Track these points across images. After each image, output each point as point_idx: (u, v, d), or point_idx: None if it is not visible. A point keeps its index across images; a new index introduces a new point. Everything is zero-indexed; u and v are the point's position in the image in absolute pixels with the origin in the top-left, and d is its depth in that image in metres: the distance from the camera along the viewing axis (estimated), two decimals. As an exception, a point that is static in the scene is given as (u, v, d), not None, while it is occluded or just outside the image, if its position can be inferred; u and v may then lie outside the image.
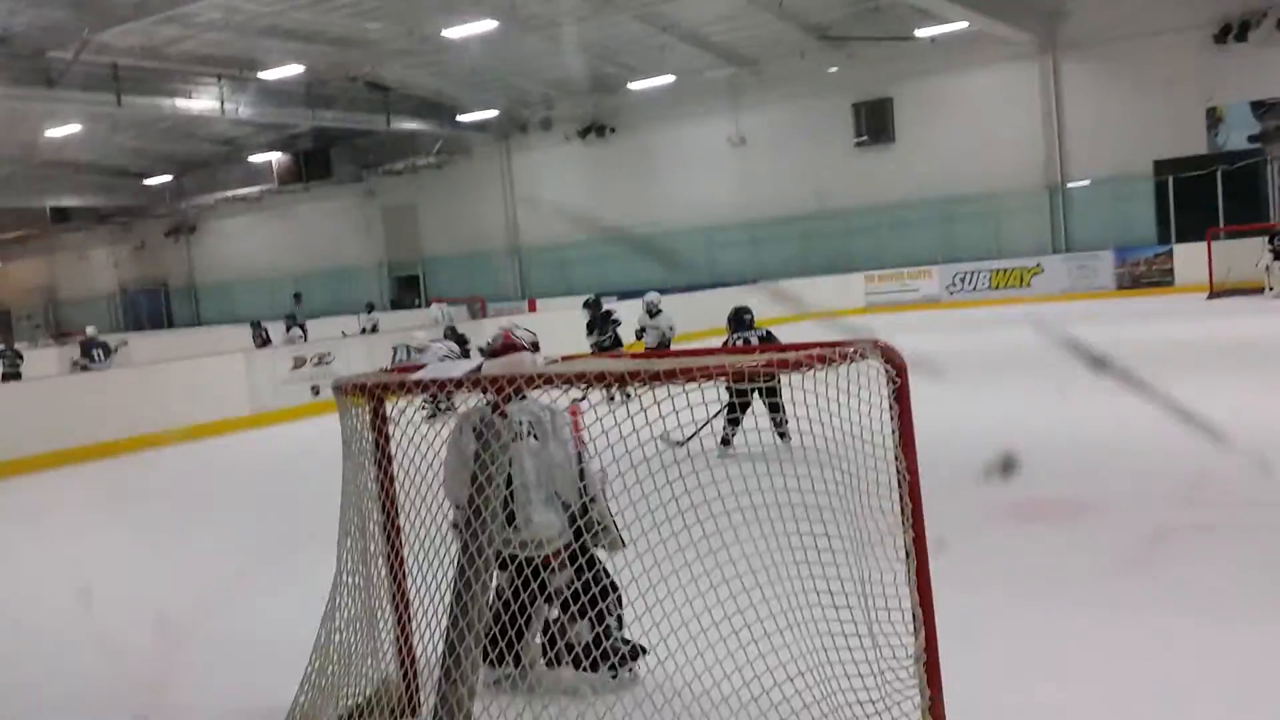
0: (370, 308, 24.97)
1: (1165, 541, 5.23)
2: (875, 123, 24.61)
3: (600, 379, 2.86)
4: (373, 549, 3.60)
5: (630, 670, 3.72)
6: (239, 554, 6.73)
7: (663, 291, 15.61)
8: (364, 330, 21.95)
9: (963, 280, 22.73)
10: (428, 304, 28.82)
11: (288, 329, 21.13)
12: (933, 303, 22.64)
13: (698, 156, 26.77)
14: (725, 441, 7.57)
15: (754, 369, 2.81)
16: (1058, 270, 21.71)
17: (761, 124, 25.93)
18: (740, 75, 25.32)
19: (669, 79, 24.67)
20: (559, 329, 16.20)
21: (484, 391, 3.04)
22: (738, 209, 26.15)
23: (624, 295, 24.66)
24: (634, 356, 2.94)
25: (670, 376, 2.84)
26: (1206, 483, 5.16)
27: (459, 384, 3.05)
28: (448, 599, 3.10)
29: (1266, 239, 17.49)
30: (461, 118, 27.87)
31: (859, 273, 23.66)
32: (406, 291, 32.56)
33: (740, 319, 8.33)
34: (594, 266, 27.88)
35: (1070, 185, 22.70)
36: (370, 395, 3.42)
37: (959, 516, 5.81)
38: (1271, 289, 17.17)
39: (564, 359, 3.19)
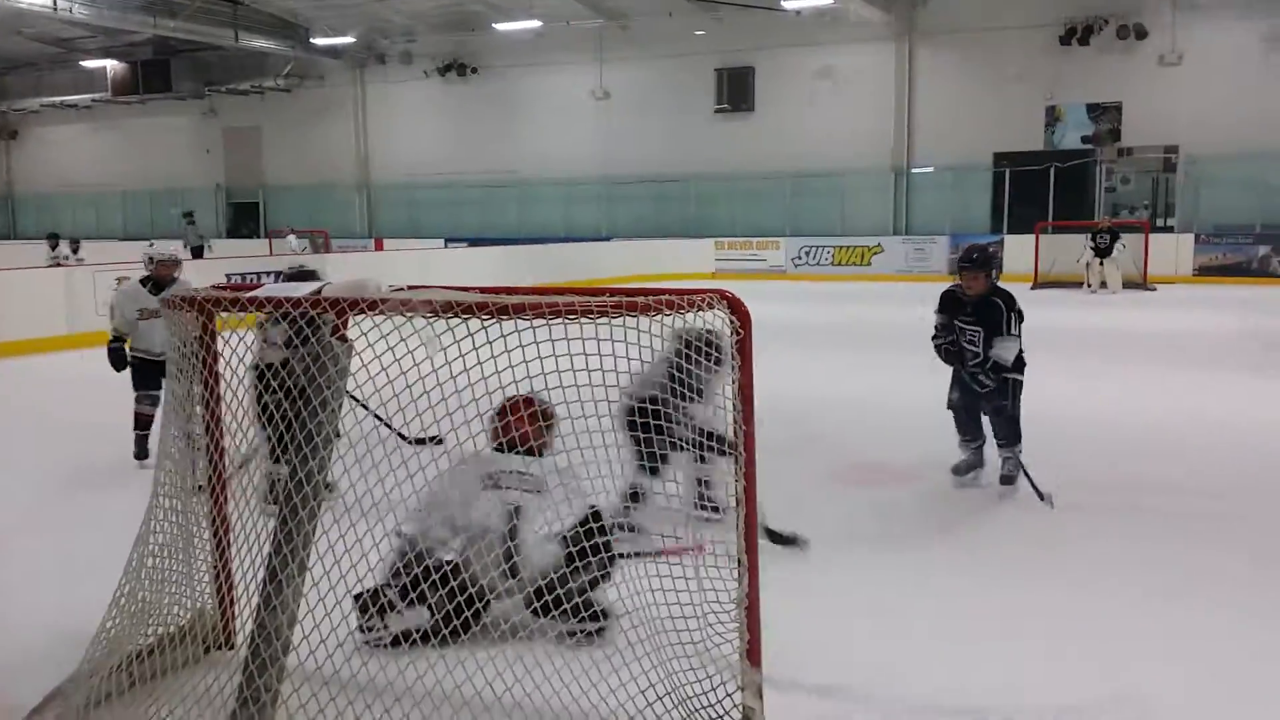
0: (189, 218, 23.37)
1: (981, 508, 5.54)
2: (736, 91, 24.88)
3: (447, 309, 2.79)
4: (194, 472, 3.45)
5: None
6: (55, 475, 6.44)
7: (515, 242, 15.45)
8: (188, 246, 20.78)
9: (807, 254, 23.33)
10: (267, 234, 27.70)
11: (52, 248, 19.82)
12: (779, 273, 23.16)
13: (560, 107, 26.49)
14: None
15: (603, 307, 2.80)
16: (896, 251, 22.53)
17: (626, 80, 25.84)
18: (608, 28, 25.13)
19: (535, 24, 24.29)
20: (404, 271, 15.89)
21: (324, 312, 2.94)
22: (596, 164, 26.04)
23: (475, 241, 24.42)
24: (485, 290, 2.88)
25: (519, 311, 2.80)
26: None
27: (298, 304, 2.93)
28: (271, 525, 2.99)
29: (1089, 236, 18.56)
30: (315, 40, 26.75)
31: (710, 238, 23.98)
32: (244, 219, 31.12)
33: None
34: (446, 209, 27.37)
35: (914, 170, 23.54)
36: (200, 310, 3.26)
37: (796, 473, 6.01)
38: (1090, 285, 18.25)
39: (410, 288, 3.11)
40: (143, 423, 6.51)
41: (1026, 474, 5.58)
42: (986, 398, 5.69)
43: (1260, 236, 19.75)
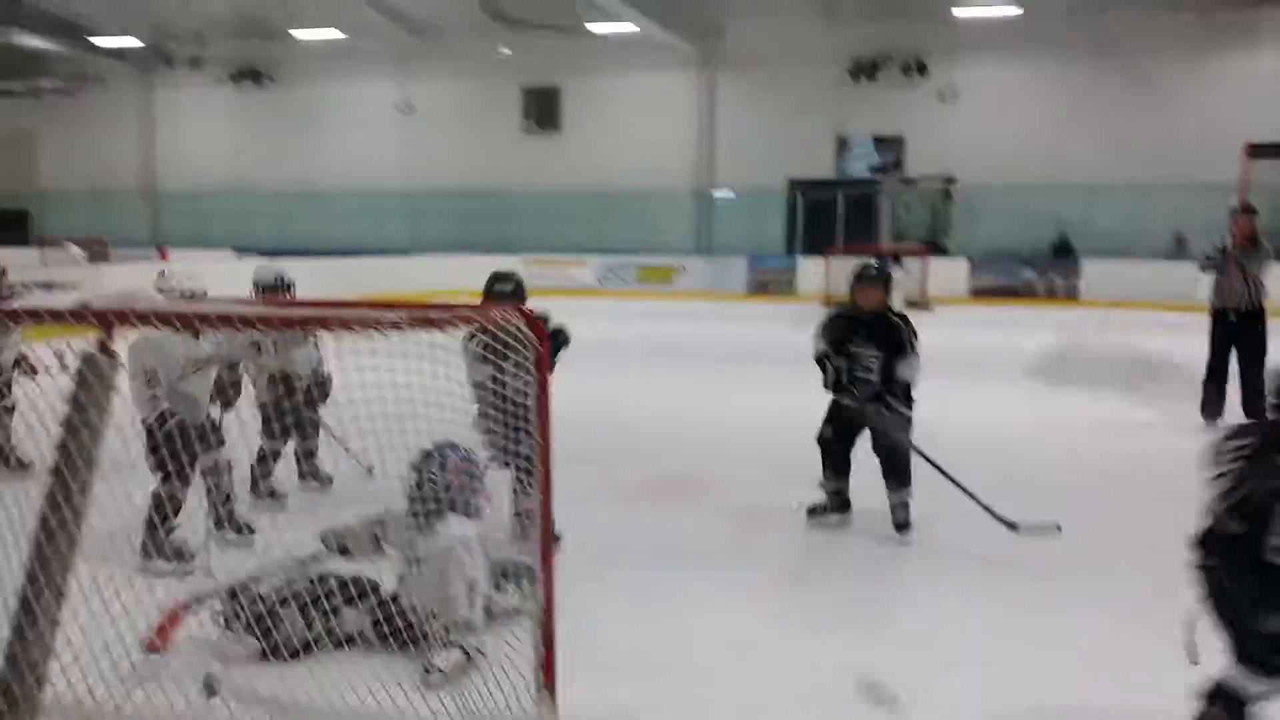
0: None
1: (767, 520, 5.72)
2: (543, 110, 25.01)
3: (225, 322, 2.68)
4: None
5: None
6: None
7: (313, 255, 14.98)
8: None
9: (614, 272, 23.61)
10: (39, 242, 25.73)
11: None
12: (587, 290, 23.31)
13: (362, 119, 25.90)
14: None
15: (395, 324, 2.76)
16: (699, 271, 23.11)
17: (431, 95, 25.53)
18: (412, 42, 24.77)
19: (335, 34, 23.68)
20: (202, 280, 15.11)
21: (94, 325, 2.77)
22: (401, 178, 25.59)
23: (269, 253, 23.43)
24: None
25: (306, 325, 2.72)
26: (800, 466, 5.69)
27: (58, 316, 2.75)
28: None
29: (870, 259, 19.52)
30: (98, 41, 25.18)
31: (519, 255, 23.88)
32: (11, 229, 28.70)
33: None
34: (237, 219, 26.25)
35: (715, 193, 24.28)
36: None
37: (591, 488, 6.05)
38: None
39: (186, 298, 2.97)
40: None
41: (987, 508, 5.10)
42: (884, 430, 5.21)
43: (1026, 261, 21.34)
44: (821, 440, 5.40)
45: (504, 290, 5.31)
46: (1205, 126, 20.66)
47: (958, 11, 20.63)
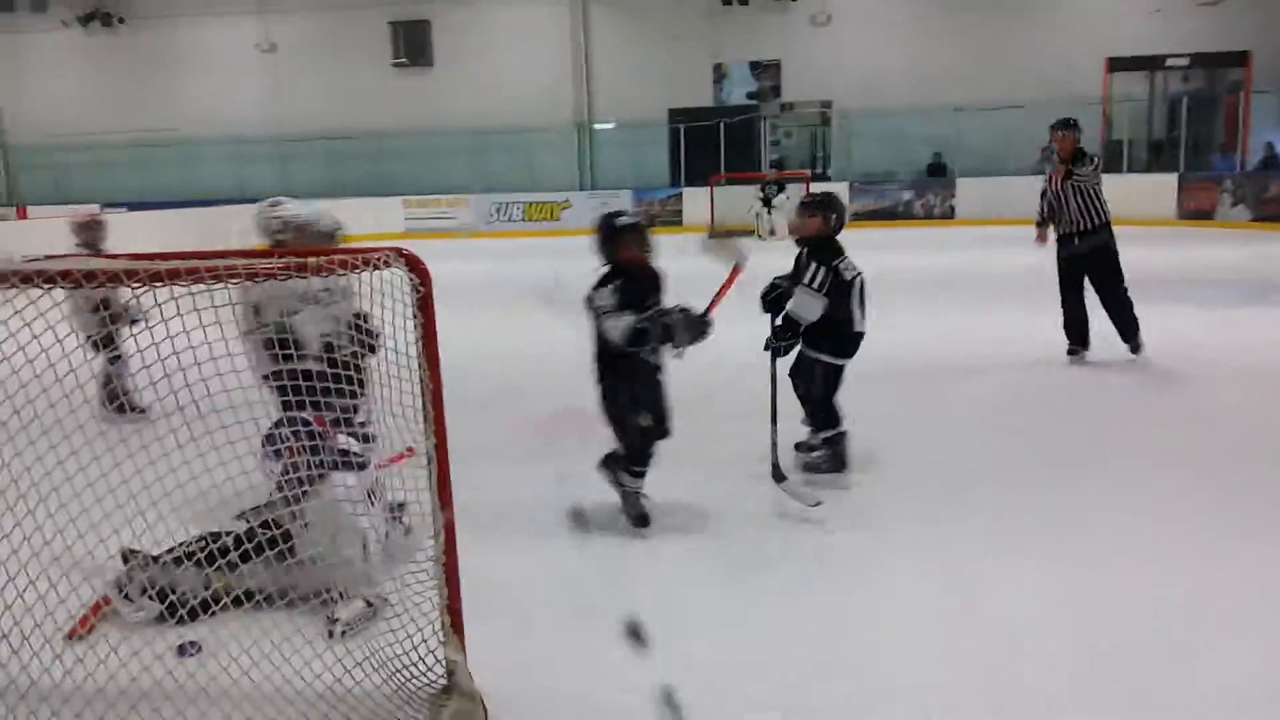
0: None
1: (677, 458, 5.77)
2: (413, 44, 24.28)
3: (90, 279, 2.55)
4: None
5: None
6: None
7: (182, 205, 14.37)
8: None
9: (498, 210, 23.30)
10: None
11: None
12: (471, 231, 22.99)
13: (222, 60, 24.79)
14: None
15: (269, 271, 2.67)
16: (584, 206, 22.92)
17: (293, 32, 24.54)
18: (272, -23, 23.76)
19: (189, -30, 22.56)
20: (56, 242, 14.36)
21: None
22: (267, 121, 24.63)
23: (135, 206, 22.44)
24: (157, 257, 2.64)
25: (174, 276, 2.61)
26: (704, 401, 5.75)
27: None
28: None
29: (758, 187, 19.72)
30: (-76, -16, 23.49)
31: (397, 197, 23.38)
32: None
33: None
34: (99, 172, 24.97)
35: (597, 126, 24.04)
36: None
37: (485, 429, 6.01)
38: (760, 234, 19.42)
39: (49, 257, 2.81)
40: None
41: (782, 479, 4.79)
42: (797, 373, 5.11)
43: (904, 184, 21.79)
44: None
45: (630, 224, 4.80)
46: (1068, 43, 21.29)
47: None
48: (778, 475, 4.75)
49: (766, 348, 4.88)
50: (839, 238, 5.09)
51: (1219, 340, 8.31)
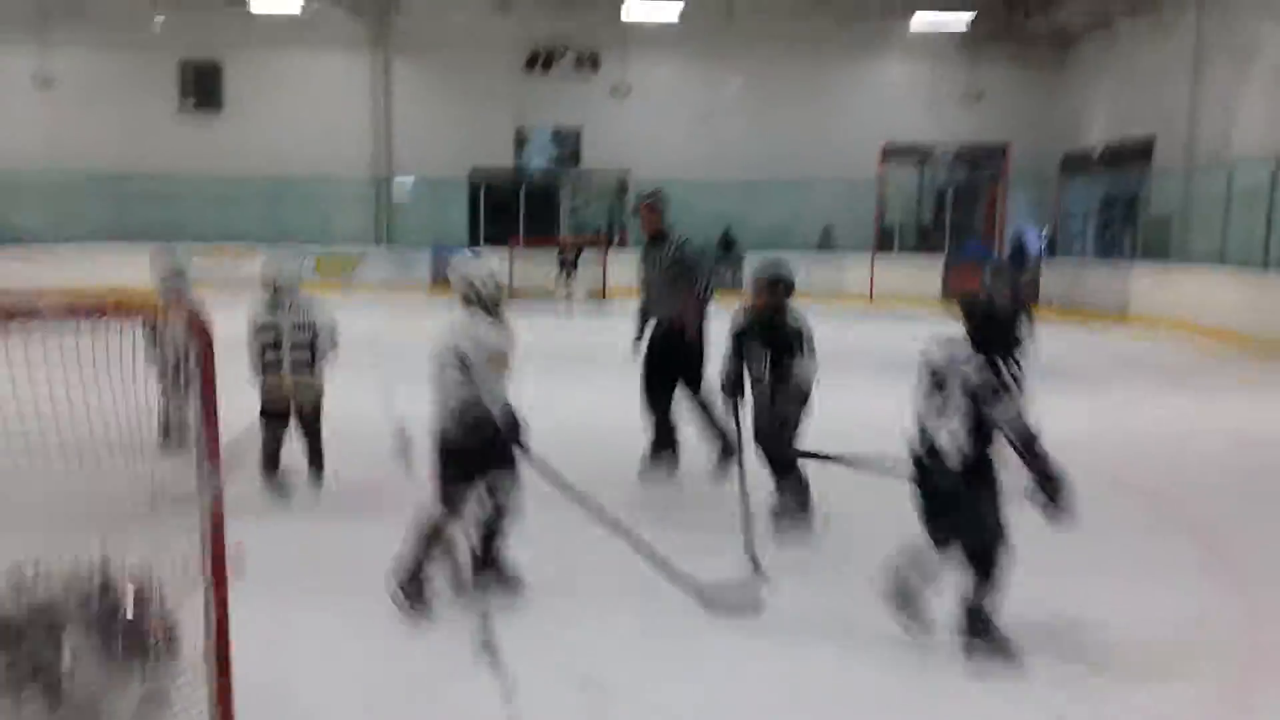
0: None
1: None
2: (203, 87, 23.40)
3: None
4: None
5: None
6: None
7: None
8: None
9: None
10: None
11: None
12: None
13: (-9, 91, 23.16)
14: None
15: (34, 314, 2.50)
16: (380, 260, 22.62)
17: (75, 67, 23.16)
18: (50, 5, 22.41)
19: (-46, -6, 21.01)
20: None
21: None
22: (40, 157, 23.04)
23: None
24: None
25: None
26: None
27: None
28: None
29: (557, 251, 19.99)
30: None
31: (181, 243, 22.23)
32: None
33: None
34: None
35: (396, 180, 23.80)
36: None
37: (266, 500, 5.83)
38: (558, 297, 19.66)
39: None
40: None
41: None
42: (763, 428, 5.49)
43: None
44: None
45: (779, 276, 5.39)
46: (849, 127, 22.78)
47: (626, 10, 21.37)
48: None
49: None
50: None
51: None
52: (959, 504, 3.88)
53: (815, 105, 23.11)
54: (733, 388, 5.46)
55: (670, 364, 6.42)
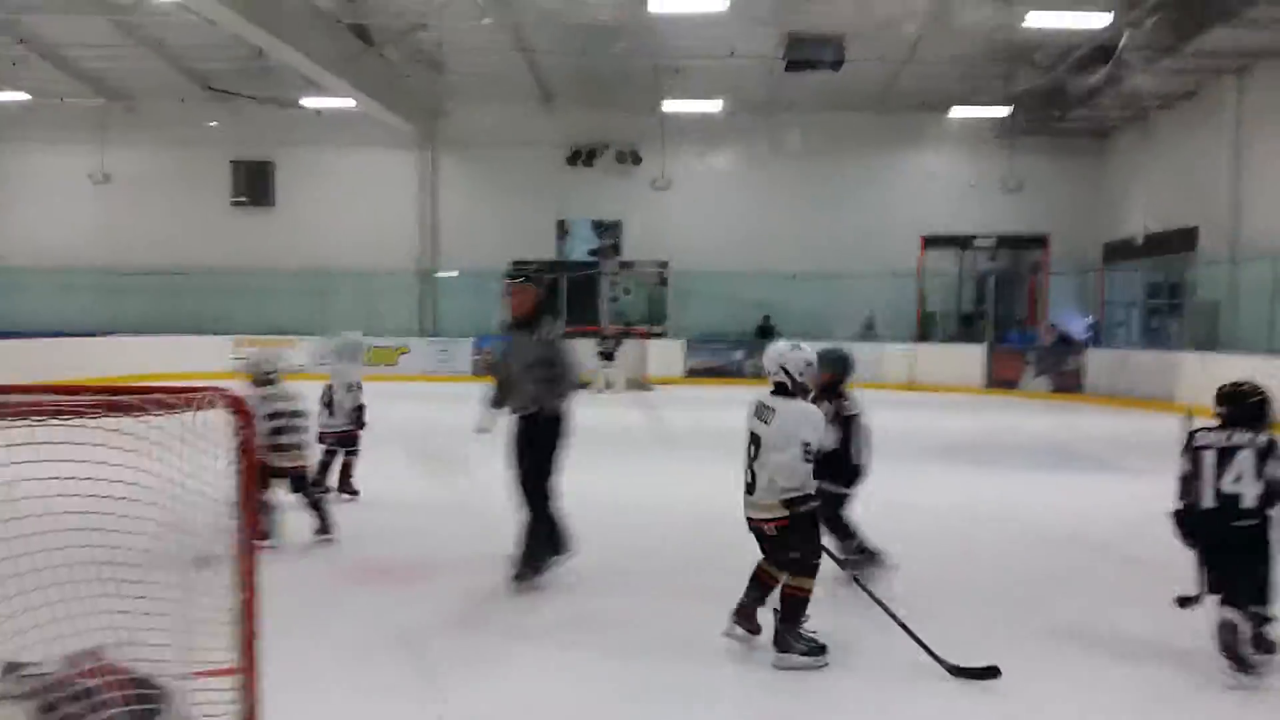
0: None
1: (496, 598, 5.70)
2: (255, 184, 24.16)
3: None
4: None
5: None
6: None
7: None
8: None
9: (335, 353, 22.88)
10: None
11: None
12: (304, 373, 22.43)
13: (53, 189, 24.04)
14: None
15: (78, 409, 2.58)
16: (423, 352, 22.88)
17: (131, 164, 24.06)
18: (110, 108, 23.35)
19: (23, 96, 21.89)
20: None
21: None
22: (97, 252, 23.80)
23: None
24: None
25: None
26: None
27: None
28: None
29: (597, 341, 20.13)
30: None
31: (230, 335, 22.71)
32: None
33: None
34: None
35: (439, 274, 24.22)
36: None
37: (304, 575, 5.81)
38: (598, 386, 19.71)
39: None
40: None
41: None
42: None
43: (735, 343, 22.63)
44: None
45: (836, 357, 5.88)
46: (889, 219, 22.93)
47: (666, 105, 21.86)
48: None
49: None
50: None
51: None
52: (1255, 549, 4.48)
53: (853, 197, 23.31)
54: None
55: (529, 454, 5.91)
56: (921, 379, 21.02)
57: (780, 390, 4.76)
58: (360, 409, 8.53)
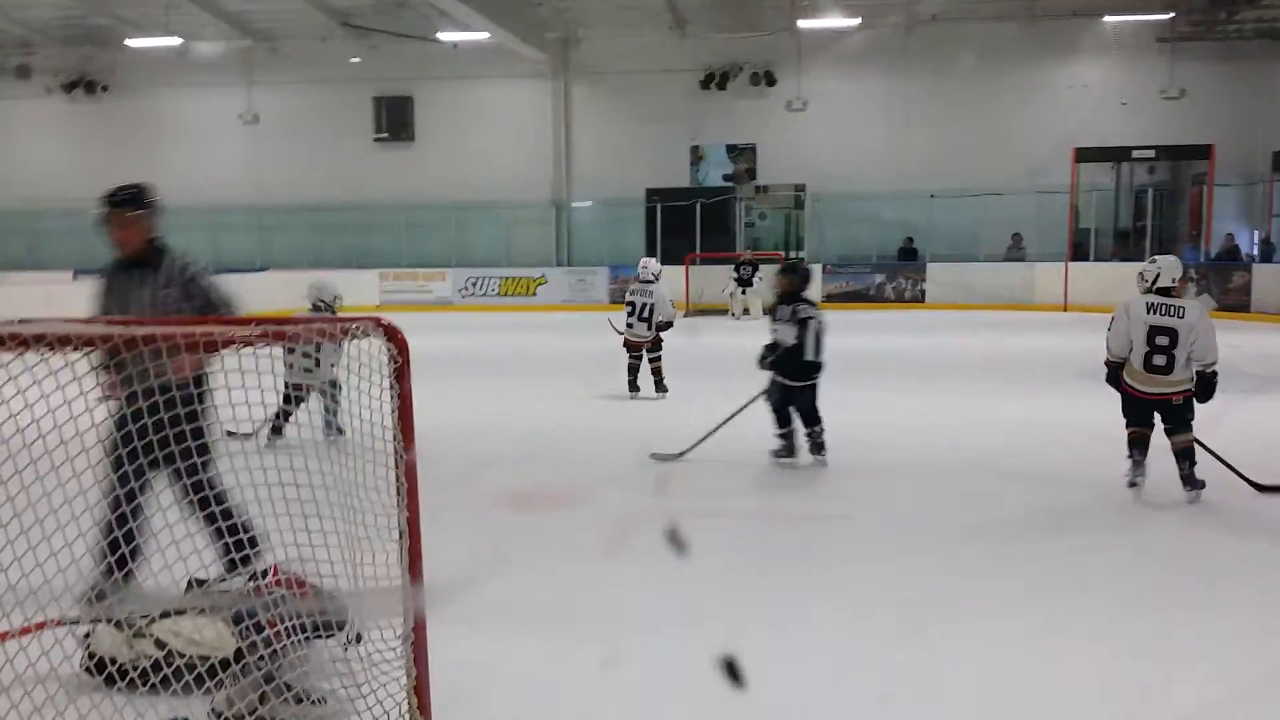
0: None
1: (638, 525, 5.74)
2: (396, 119, 24.59)
3: (64, 342, 2.51)
4: None
5: None
6: None
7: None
8: None
9: (474, 285, 23.38)
10: None
11: None
12: (446, 305, 23.03)
13: (204, 130, 24.98)
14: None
15: (245, 339, 2.65)
16: (560, 282, 23.11)
17: (276, 104, 24.80)
18: (255, 50, 24.05)
19: (174, 41, 22.71)
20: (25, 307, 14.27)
21: None
22: (247, 191, 24.72)
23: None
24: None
25: (150, 342, 2.58)
26: (670, 479, 5.76)
27: None
28: None
29: (732, 268, 19.95)
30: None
31: (374, 269, 23.43)
32: None
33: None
34: (75, 239, 24.79)
35: (574, 204, 24.32)
36: None
37: (462, 502, 5.96)
38: (734, 313, 19.60)
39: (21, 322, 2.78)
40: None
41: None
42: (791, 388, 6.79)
43: (876, 266, 22.09)
44: (767, 400, 6.81)
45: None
46: (1038, 133, 21.82)
47: (802, 23, 21.21)
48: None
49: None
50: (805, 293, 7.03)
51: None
52: None
53: (999, 111, 22.28)
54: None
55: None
56: (1076, 299, 20.11)
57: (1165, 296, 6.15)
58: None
